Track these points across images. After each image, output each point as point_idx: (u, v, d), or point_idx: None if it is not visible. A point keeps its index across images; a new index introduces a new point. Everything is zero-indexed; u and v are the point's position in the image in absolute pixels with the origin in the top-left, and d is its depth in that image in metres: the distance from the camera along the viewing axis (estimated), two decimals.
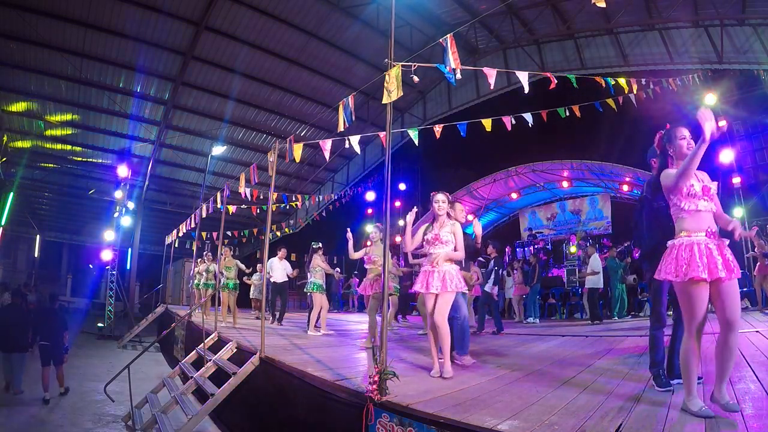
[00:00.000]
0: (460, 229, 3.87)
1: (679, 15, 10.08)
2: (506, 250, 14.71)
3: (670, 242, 2.49)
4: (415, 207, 4.17)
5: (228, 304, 8.66)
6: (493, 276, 7.56)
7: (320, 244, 7.55)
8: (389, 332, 7.04)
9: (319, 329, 7.07)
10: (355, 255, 6.02)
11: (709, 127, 2.18)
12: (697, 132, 2.32)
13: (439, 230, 3.79)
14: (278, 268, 8.61)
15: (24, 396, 6.11)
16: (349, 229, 6.03)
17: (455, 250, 3.77)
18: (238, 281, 9.07)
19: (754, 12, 9.26)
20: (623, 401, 2.69)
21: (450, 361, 3.68)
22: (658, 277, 2.51)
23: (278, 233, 17.43)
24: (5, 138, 14.14)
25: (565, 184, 14.96)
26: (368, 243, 6.35)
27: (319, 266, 7.34)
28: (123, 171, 14.11)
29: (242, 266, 9.38)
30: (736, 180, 10.99)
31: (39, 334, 6.36)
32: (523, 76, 4.41)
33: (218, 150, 13.82)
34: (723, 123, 9.27)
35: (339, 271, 12.89)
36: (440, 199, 3.84)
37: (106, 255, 14.79)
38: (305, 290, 7.63)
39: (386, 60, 3.40)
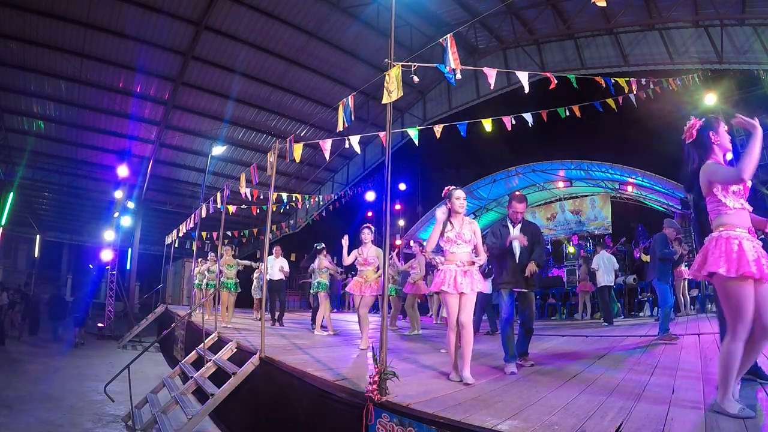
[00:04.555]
0: (479, 229, 3.77)
1: (679, 15, 10.07)
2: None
3: (713, 235, 2.38)
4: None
5: (227, 303, 8.64)
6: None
7: (323, 245, 7.55)
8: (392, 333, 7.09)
9: (326, 329, 7.11)
10: (348, 260, 5.67)
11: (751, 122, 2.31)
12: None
13: (460, 228, 3.60)
14: (274, 266, 8.59)
15: (25, 396, 6.12)
16: (346, 236, 5.79)
17: (475, 249, 3.65)
18: (238, 280, 9.01)
19: (754, 12, 9.25)
20: (623, 401, 2.69)
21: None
22: (699, 273, 2.38)
23: (278, 233, 17.44)
24: (5, 138, 14.15)
25: (561, 184, 14.96)
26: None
27: (325, 267, 7.38)
28: (123, 171, 14.11)
29: (244, 262, 9.33)
30: None
31: (73, 311, 12.58)
32: (523, 76, 4.41)
33: (218, 150, 13.81)
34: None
35: (341, 271, 12.92)
36: (461, 196, 3.66)
37: (106, 255, 14.80)
38: (311, 291, 7.61)
39: (386, 60, 3.40)
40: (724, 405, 2.29)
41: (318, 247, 7.55)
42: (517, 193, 4.26)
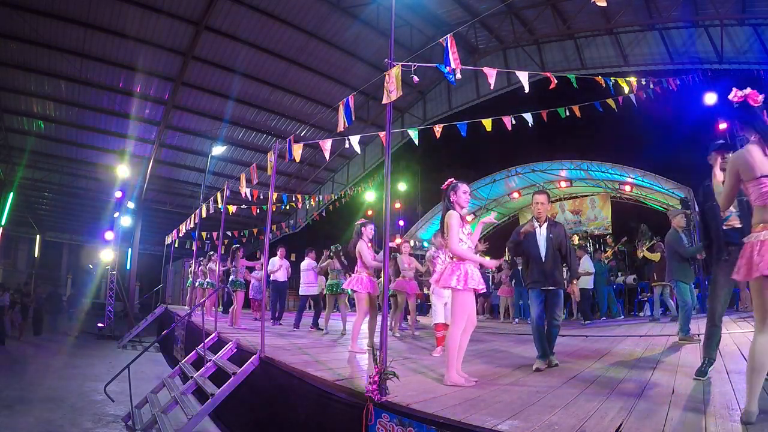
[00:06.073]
0: None
1: (679, 15, 10.08)
2: (506, 249, 14.70)
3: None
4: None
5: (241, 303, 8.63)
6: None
7: (340, 247, 7.54)
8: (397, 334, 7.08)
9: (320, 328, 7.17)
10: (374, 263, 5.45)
11: None
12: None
13: (467, 224, 3.52)
14: (281, 268, 8.63)
15: (25, 396, 6.11)
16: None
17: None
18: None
19: (754, 12, 9.26)
20: (623, 401, 2.69)
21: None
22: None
23: (278, 233, 17.44)
24: (5, 138, 14.15)
25: (564, 184, 14.95)
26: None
27: (339, 268, 7.44)
28: (123, 171, 14.11)
29: (250, 263, 9.37)
30: None
31: (71, 306, 17.40)
32: (523, 76, 4.41)
33: (218, 150, 13.81)
34: (723, 125, 9.24)
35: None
36: (468, 190, 3.58)
37: (106, 255, 14.81)
38: (327, 292, 7.53)
39: (386, 60, 3.39)
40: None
41: (337, 248, 7.53)
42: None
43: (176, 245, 12.83)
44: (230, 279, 8.38)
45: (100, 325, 13.78)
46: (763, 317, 2.24)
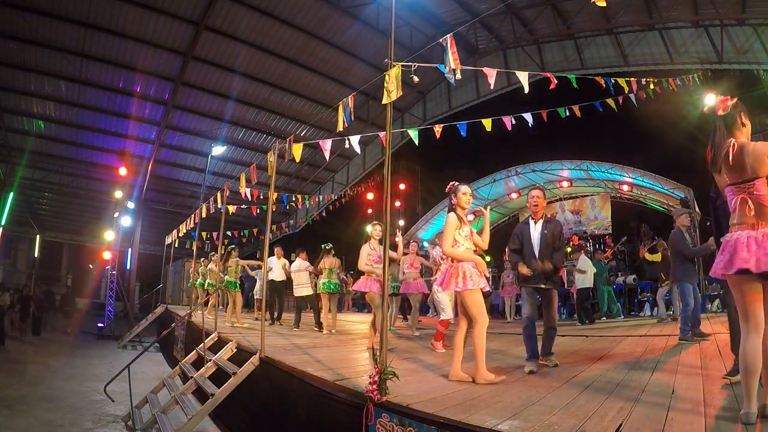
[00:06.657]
0: None
1: (679, 15, 10.08)
2: (506, 249, 14.69)
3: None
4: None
5: (239, 303, 8.66)
6: None
7: (331, 245, 7.56)
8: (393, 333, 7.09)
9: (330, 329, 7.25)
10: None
11: None
12: None
13: (468, 224, 3.58)
14: (277, 267, 8.61)
15: (25, 396, 6.12)
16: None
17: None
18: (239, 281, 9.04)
19: (754, 12, 9.26)
20: (623, 401, 2.69)
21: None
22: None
23: (278, 233, 17.44)
24: (5, 138, 14.15)
25: (564, 184, 14.95)
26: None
27: (333, 267, 7.45)
28: (123, 171, 14.11)
29: (246, 262, 9.36)
30: None
31: (66, 304, 17.20)
32: (523, 76, 4.40)
33: (218, 150, 13.80)
34: None
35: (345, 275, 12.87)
36: (467, 191, 3.62)
37: (106, 255, 14.81)
38: (320, 291, 7.51)
39: (386, 60, 3.39)
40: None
41: (327, 247, 7.54)
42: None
43: (176, 245, 12.82)
44: (225, 279, 8.38)
45: (100, 325, 13.79)
46: (746, 317, 2.28)
